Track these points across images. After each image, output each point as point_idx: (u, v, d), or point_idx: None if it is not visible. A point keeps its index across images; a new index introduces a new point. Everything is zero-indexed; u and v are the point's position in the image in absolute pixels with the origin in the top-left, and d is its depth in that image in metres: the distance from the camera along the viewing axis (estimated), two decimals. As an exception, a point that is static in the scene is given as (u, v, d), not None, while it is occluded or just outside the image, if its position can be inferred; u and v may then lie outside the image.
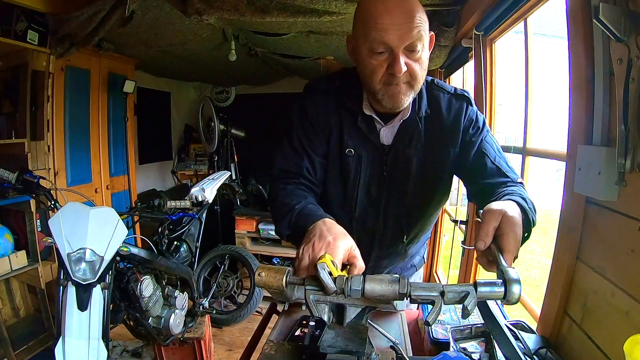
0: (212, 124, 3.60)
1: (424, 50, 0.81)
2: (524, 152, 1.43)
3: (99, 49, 2.57)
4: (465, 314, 0.56)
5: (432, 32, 0.86)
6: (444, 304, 0.56)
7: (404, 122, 0.92)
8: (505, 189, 0.81)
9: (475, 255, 0.66)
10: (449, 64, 2.12)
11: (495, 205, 0.66)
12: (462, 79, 2.30)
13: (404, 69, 0.78)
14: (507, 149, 1.60)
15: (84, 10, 1.87)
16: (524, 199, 0.74)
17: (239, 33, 2.50)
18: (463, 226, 2.02)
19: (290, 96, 4.08)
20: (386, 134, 0.94)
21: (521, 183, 0.87)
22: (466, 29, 1.65)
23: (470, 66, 1.88)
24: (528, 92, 1.39)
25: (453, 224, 2.24)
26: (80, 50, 2.29)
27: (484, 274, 1.61)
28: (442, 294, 0.56)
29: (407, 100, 0.85)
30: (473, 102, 0.95)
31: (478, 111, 0.96)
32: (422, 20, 0.78)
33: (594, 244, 0.81)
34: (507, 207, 0.66)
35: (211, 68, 3.34)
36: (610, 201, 0.74)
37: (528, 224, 0.70)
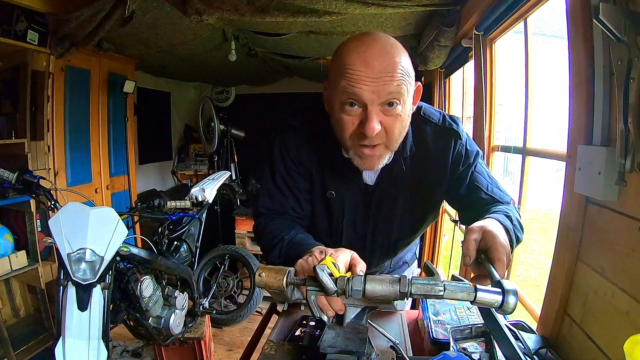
0: (212, 124, 3.60)
1: (405, 105, 0.73)
2: (524, 152, 1.43)
3: (99, 49, 2.57)
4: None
5: (419, 83, 0.79)
6: (443, 298, 0.57)
7: (387, 165, 0.85)
8: (492, 208, 0.82)
9: (472, 275, 0.69)
10: (449, 64, 2.12)
11: (475, 224, 0.68)
12: (462, 79, 2.30)
13: (377, 128, 0.70)
14: (507, 149, 1.60)
15: (84, 11, 1.87)
16: (508, 216, 0.76)
17: (239, 33, 2.50)
18: (463, 226, 2.02)
19: (290, 96, 4.09)
20: (369, 174, 0.89)
21: (513, 205, 0.88)
22: (466, 29, 1.65)
23: (470, 66, 1.88)
24: (528, 92, 1.39)
25: (453, 224, 2.24)
26: (80, 50, 2.29)
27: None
28: (443, 295, 0.56)
29: (382, 163, 0.79)
30: (462, 133, 0.89)
31: (468, 141, 0.91)
32: (405, 72, 0.70)
33: (594, 244, 0.81)
34: (486, 222, 0.68)
35: (211, 68, 3.34)
36: (610, 201, 0.74)
37: (510, 240, 0.70)
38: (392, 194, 0.90)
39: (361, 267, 0.64)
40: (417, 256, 1.28)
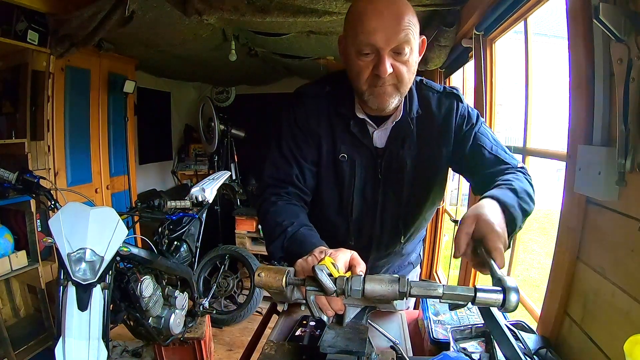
0: (212, 124, 3.60)
1: (412, 53, 0.81)
2: (524, 152, 1.42)
3: (99, 49, 2.57)
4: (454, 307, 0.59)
5: (423, 37, 0.87)
6: (441, 302, 0.57)
7: (397, 124, 0.92)
8: (500, 177, 0.82)
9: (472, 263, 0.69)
10: (449, 64, 2.12)
11: (469, 211, 0.69)
12: (462, 79, 2.30)
13: (389, 70, 0.78)
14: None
15: (84, 10, 1.87)
16: (513, 189, 0.75)
17: (239, 33, 2.50)
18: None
19: (290, 96, 4.07)
20: (379, 136, 0.94)
21: (522, 168, 0.87)
22: (466, 29, 1.65)
23: (470, 66, 1.88)
24: (528, 92, 1.39)
25: (453, 224, 2.24)
26: (80, 50, 2.29)
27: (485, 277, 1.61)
28: (442, 295, 0.56)
29: (393, 102, 0.85)
30: (463, 98, 0.95)
31: (469, 106, 0.96)
32: (411, 23, 0.78)
33: (594, 244, 0.81)
34: (480, 209, 0.68)
35: (211, 68, 3.34)
36: (610, 201, 0.74)
37: (512, 219, 0.70)
38: (400, 156, 0.94)
39: (361, 267, 0.64)
40: (422, 258, 1.28)
